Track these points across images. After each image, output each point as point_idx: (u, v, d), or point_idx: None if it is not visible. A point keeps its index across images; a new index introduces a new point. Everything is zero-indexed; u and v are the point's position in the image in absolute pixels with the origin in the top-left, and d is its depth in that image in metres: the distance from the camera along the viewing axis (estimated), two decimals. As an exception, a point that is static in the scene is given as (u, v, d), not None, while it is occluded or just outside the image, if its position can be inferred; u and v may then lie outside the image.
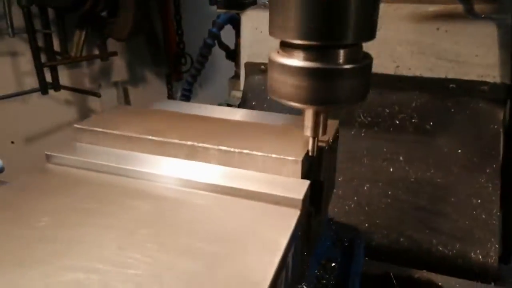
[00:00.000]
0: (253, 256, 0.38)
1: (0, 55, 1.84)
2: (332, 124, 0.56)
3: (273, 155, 0.47)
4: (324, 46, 0.38)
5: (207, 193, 0.46)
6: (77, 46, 1.91)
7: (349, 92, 0.40)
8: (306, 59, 0.39)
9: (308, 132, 0.45)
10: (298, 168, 0.46)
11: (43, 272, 0.36)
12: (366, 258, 0.82)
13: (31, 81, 1.93)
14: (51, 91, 1.95)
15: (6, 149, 1.94)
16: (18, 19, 1.72)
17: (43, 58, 1.88)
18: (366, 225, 1.12)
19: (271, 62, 0.41)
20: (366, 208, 1.15)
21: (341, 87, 0.39)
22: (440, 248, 1.05)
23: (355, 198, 1.17)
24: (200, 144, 0.49)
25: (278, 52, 0.42)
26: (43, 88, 1.90)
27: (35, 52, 1.81)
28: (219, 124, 0.55)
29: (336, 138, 0.62)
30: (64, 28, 1.89)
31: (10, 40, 1.79)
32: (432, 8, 1.09)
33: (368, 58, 0.41)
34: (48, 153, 0.52)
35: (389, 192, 1.15)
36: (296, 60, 0.39)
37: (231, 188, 0.45)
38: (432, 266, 1.01)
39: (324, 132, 0.46)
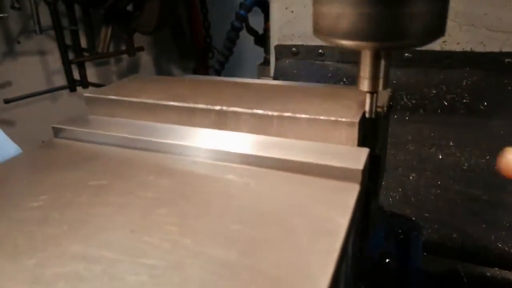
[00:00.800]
0: (305, 241, 0.28)
1: (29, 54, 1.84)
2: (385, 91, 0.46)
3: (322, 117, 0.37)
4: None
5: (241, 166, 0.37)
6: (104, 42, 1.88)
7: (421, 24, 0.30)
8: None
9: (365, 85, 0.36)
10: (354, 132, 0.36)
11: (37, 262, 0.28)
12: (425, 254, 0.72)
13: (60, 79, 1.92)
14: (79, 88, 1.92)
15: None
16: (45, 17, 1.71)
17: (71, 56, 1.86)
18: (413, 218, 1.01)
19: (318, -11, 0.32)
20: (413, 199, 1.05)
21: (411, 16, 0.30)
22: (500, 245, 0.93)
23: (400, 189, 1.07)
24: (230, 109, 0.40)
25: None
26: (71, 85, 1.88)
27: (63, 49, 1.79)
28: (253, 88, 0.46)
29: (389, 107, 0.52)
30: (90, 24, 1.87)
31: (38, 38, 1.78)
32: (486, -29, 0.98)
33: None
34: (56, 125, 0.45)
35: (439, 182, 1.04)
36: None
37: (271, 158, 0.36)
38: (491, 264, 0.89)
39: (385, 86, 0.36)
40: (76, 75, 1.89)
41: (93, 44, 1.91)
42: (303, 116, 0.38)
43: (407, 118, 1.10)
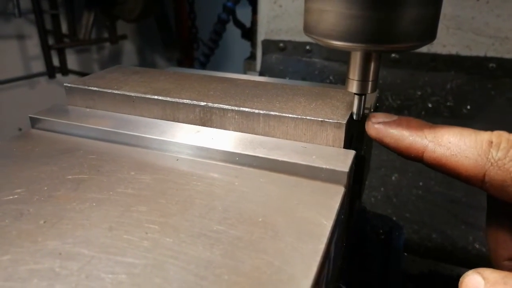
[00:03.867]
0: (289, 242, 0.28)
1: (7, 38, 1.78)
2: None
3: (309, 117, 0.37)
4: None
5: (225, 164, 0.36)
6: (86, 28, 1.84)
7: (413, 27, 0.30)
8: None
9: (353, 87, 0.35)
10: (341, 133, 0.36)
11: (12, 258, 0.27)
12: (405, 254, 0.72)
13: (38, 65, 1.87)
14: (58, 75, 1.88)
15: (13, 136, 1.89)
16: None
17: (51, 41, 1.81)
18: (394, 218, 1.02)
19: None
20: (394, 200, 1.05)
21: (403, 18, 0.29)
22: (477, 246, 0.94)
23: (382, 188, 1.07)
24: (216, 105, 0.40)
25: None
26: (51, 72, 1.83)
27: (42, 34, 1.74)
28: (240, 85, 0.45)
29: (376, 108, 0.52)
30: (72, 9, 1.82)
31: (17, 21, 1.72)
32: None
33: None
34: (33, 116, 0.43)
35: (420, 183, 1.05)
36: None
37: (256, 157, 0.36)
38: (469, 265, 0.90)
39: (374, 89, 0.36)
40: (56, 62, 1.84)
41: (74, 30, 1.87)
42: (290, 115, 0.37)
43: (391, 118, 1.10)
